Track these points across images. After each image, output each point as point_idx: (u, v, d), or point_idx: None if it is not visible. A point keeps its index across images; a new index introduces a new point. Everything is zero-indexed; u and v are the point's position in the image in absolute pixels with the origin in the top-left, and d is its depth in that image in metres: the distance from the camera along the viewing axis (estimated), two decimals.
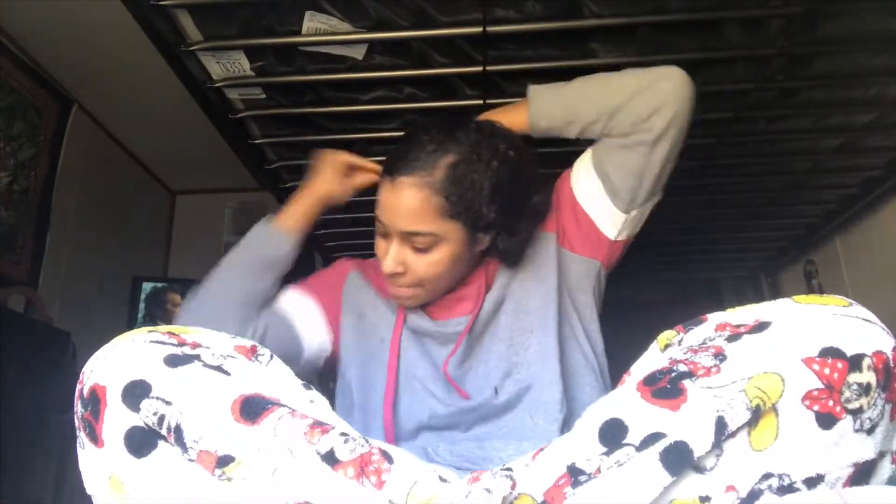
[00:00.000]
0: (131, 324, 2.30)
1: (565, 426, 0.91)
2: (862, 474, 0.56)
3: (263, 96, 1.33)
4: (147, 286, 2.37)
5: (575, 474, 0.55)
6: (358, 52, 1.22)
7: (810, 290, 2.57)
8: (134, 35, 1.16)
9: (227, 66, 1.23)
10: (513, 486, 0.56)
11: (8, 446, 1.28)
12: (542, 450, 0.62)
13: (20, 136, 1.68)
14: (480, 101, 1.31)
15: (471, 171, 0.91)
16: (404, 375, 1.00)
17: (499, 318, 1.01)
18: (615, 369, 0.83)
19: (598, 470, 0.54)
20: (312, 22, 1.14)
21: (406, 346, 1.02)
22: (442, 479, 0.56)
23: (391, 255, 0.94)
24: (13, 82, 1.61)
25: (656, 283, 3.09)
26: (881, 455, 0.56)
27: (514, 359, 0.98)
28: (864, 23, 1.19)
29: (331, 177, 1.09)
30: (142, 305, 2.34)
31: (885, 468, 0.57)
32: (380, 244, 0.98)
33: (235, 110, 1.36)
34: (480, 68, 1.23)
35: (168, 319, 2.36)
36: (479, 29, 1.13)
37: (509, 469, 0.61)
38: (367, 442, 0.57)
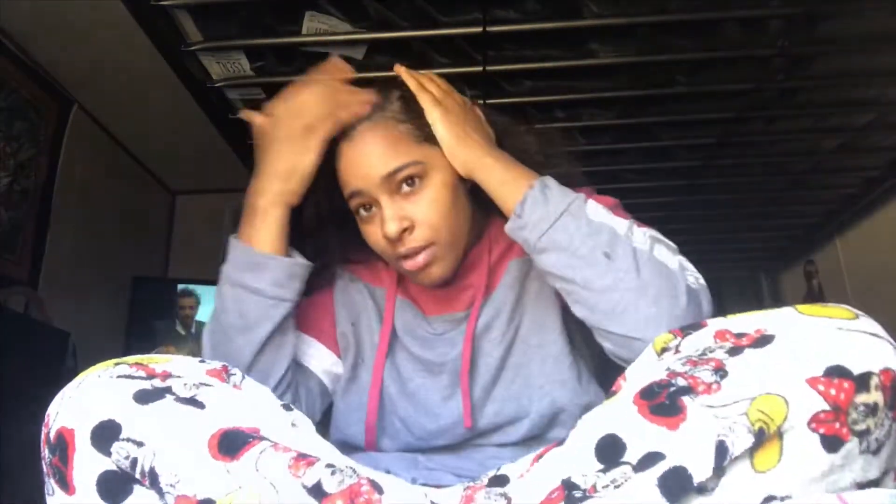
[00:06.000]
0: (131, 324, 2.30)
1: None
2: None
3: (263, 96, 1.33)
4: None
5: (569, 489, 0.53)
6: (358, 52, 1.22)
7: (810, 290, 2.57)
8: (134, 35, 1.17)
9: (227, 66, 1.23)
10: None
11: (8, 447, 1.28)
12: (539, 456, 0.61)
13: (20, 136, 1.68)
14: (480, 101, 1.31)
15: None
16: (394, 389, 0.85)
17: (504, 327, 0.83)
18: (612, 372, 0.79)
19: (594, 488, 0.52)
20: (312, 22, 1.14)
21: (396, 354, 0.87)
22: None
23: (388, 213, 0.77)
24: (13, 82, 1.61)
25: None
26: (884, 473, 0.55)
27: (521, 382, 0.83)
28: (864, 23, 1.19)
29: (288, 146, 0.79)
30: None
31: (888, 487, 0.55)
32: (369, 230, 0.81)
33: (235, 110, 1.36)
34: (480, 68, 1.23)
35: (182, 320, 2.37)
36: (479, 29, 1.13)
37: (502, 480, 0.61)
38: (355, 472, 0.55)
